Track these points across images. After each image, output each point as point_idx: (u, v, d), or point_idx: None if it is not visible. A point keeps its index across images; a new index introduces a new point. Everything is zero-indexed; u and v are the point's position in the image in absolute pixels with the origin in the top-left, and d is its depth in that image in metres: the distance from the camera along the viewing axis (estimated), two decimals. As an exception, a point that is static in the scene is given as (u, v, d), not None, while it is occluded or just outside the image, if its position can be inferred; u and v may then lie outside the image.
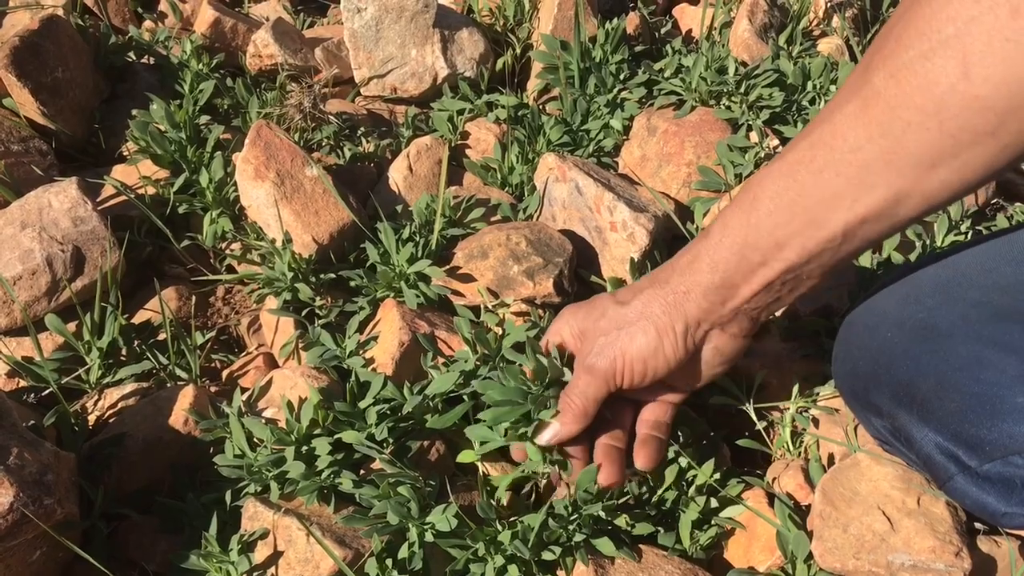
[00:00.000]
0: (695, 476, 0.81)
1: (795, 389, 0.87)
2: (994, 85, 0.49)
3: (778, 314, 0.95)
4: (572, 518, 0.74)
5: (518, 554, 0.72)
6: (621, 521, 0.76)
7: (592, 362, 0.73)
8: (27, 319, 0.88)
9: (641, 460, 0.75)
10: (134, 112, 1.08)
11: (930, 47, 0.51)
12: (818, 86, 1.17)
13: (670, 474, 0.80)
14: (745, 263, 0.64)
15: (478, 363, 0.83)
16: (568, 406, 0.74)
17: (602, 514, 0.75)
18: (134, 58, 1.26)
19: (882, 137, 0.55)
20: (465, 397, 0.83)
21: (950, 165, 0.53)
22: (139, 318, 0.97)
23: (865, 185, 0.57)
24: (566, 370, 0.76)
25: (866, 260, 0.99)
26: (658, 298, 0.70)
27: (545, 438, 0.75)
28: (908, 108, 0.53)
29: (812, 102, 1.17)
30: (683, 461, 0.80)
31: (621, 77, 1.19)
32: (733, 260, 0.65)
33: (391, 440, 0.80)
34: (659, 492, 0.81)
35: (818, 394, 0.87)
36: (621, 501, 0.77)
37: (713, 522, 0.80)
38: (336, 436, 0.79)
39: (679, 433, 0.82)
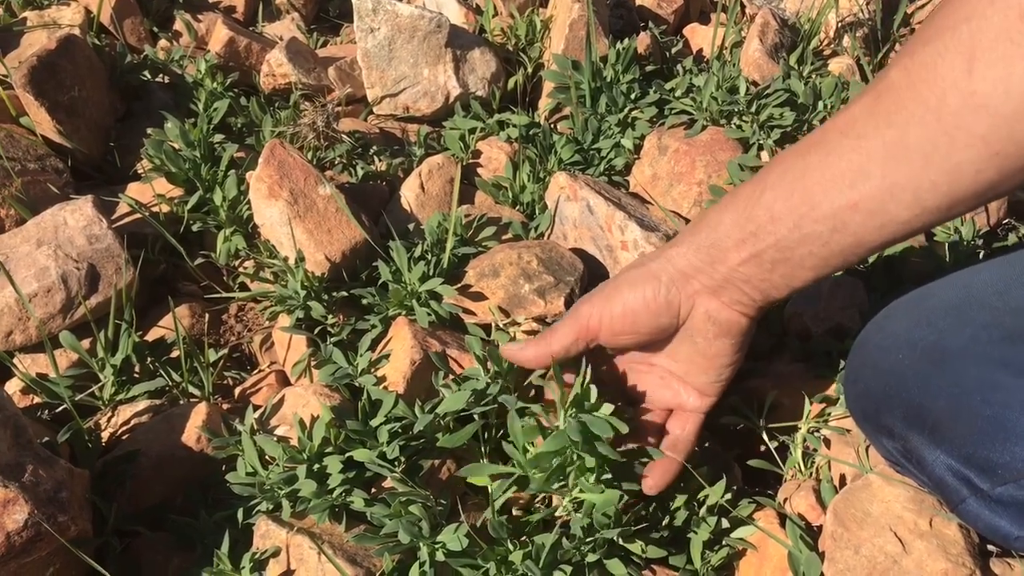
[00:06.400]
0: (707, 496, 0.81)
1: (807, 409, 0.86)
2: (991, 83, 0.50)
3: (769, 307, 0.95)
4: (587, 540, 0.74)
5: (529, 574, 0.72)
6: (636, 547, 0.76)
7: (577, 305, 0.76)
8: (43, 336, 0.89)
9: (648, 483, 0.76)
10: (149, 130, 1.09)
11: (943, 44, 0.53)
12: (829, 106, 1.18)
13: (681, 495, 0.80)
14: (738, 229, 0.66)
15: (489, 382, 0.83)
16: (541, 339, 0.76)
17: (618, 538, 0.75)
18: (149, 77, 1.28)
19: (888, 127, 0.57)
20: (476, 416, 0.83)
21: (943, 165, 0.55)
22: (153, 335, 0.98)
23: (863, 172, 0.58)
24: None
25: (878, 279, 0.99)
26: (656, 252, 0.73)
27: (506, 351, 0.79)
28: (914, 101, 0.55)
29: (823, 122, 1.17)
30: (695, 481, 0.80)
31: (632, 96, 1.20)
32: (728, 223, 0.67)
33: (402, 459, 0.80)
34: (671, 512, 0.80)
35: (830, 414, 0.87)
36: (636, 527, 0.77)
37: (724, 542, 0.80)
38: (348, 454, 0.79)
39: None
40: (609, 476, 0.75)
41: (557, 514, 0.80)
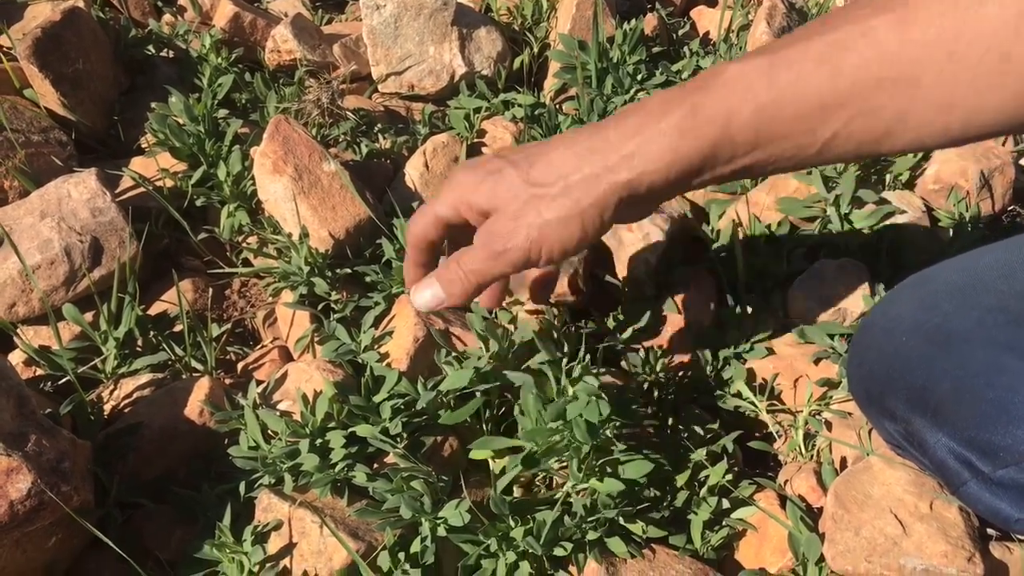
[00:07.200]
0: (707, 477, 0.81)
1: (808, 392, 0.87)
2: None
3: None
4: (588, 519, 0.74)
5: (530, 550, 0.72)
6: (637, 527, 0.77)
7: (501, 247, 0.62)
8: (47, 308, 0.89)
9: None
10: (153, 105, 1.09)
11: None
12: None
13: (682, 476, 0.81)
14: (712, 158, 0.56)
15: (491, 360, 0.83)
16: (460, 279, 0.66)
17: (618, 517, 0.75)
18: (153, 51, 1.27)
19: (913, 63, 0.50)
20: (477, 394, 0.83)
21: (962, 107, 0.50)
22: (155, 309, 0.98)
23: (871, 105, 0.52)
24: None
25: (883, 264, 0.99)
26: (585, 179, 0.59)
27: (422, 301, 0.69)
28: (954, 40, 0.48)
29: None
30: (696, 458, 0.80)
31: (638, 78, 1.20)
32: (699, 151, 0.56)
33: (405, 435, 0.80)
34: (672, 492, 0.81)
35: (831, 397, 0.87)
36: (637, 507, 0.77)
37: (724, 523, 0.80)
38: (350, 429, 0.80)
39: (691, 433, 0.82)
40: (605, 460, 0.75)
41: (558, 496, 0.81)
